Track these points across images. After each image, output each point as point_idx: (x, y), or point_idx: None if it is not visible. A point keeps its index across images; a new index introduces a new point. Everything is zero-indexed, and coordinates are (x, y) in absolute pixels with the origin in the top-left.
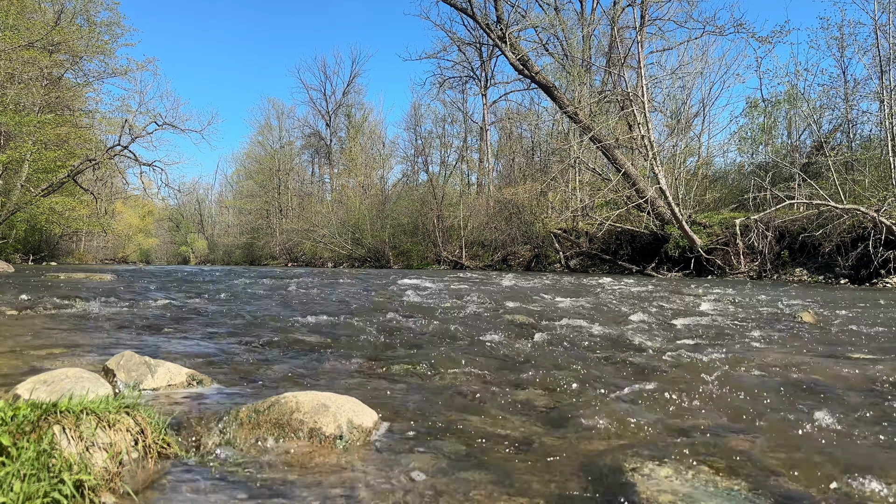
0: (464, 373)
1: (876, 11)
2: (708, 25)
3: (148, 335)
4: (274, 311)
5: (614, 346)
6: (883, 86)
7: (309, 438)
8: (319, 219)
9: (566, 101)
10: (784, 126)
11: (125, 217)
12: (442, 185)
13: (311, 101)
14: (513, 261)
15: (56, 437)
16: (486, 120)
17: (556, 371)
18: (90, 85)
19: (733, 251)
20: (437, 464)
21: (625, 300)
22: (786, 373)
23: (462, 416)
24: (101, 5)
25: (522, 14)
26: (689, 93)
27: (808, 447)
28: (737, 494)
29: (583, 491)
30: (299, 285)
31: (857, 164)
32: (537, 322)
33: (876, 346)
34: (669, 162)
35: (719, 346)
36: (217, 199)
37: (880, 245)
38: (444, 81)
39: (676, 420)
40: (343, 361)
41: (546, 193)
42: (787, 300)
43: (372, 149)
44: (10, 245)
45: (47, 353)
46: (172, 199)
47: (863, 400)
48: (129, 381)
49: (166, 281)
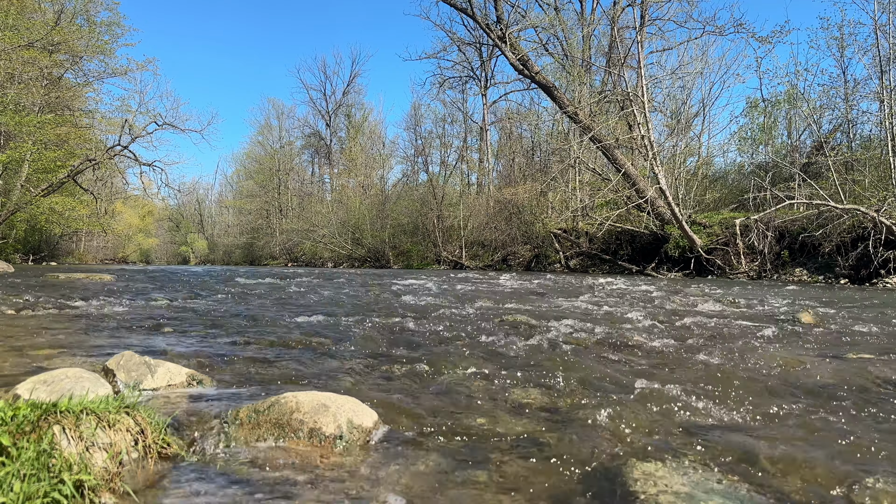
0: (464, 373)
1: (876, 11)
2: (708, 25)
3: (148, 335)
4: (274, 311)
5: (614, 347)
6: (883, 86)
7: (309, 438)
8: (319, 219)
9: (566, 101)
10: (784, 126)
11: (125, 217)
12: (442, 185)
13: (311, 101)
14: (513, 261)
15: (56, 437)
16: (486, 120)
17: (555, 371)
18: (90, 85)
19: (733, 251)
20: (438, 464)
21: (625, 300)
22: (785, 373)
23: (462, 416)
24: (101, 5)
25: (522, 14)
26: (689, 93)
27: (808, 447)
28: (737, 494)
29: (583, 491)
30: (299, 285)
31: (857, 164)
32: (537, 322)
33: (875, 346)
34: (669, 162)
35: (719, 346)
36: (217, 199)
37: (880, 245)
38: (444, 81)
39: (676, 420)
40: (343, 361)
41: (546, 193)
42: (787, 300)
43: (372, 149)
44: (10, 245)
45: (47, 353)
46: (172, 199)
47: (863, 400)
48: (129, 381)
49: (166, 281)
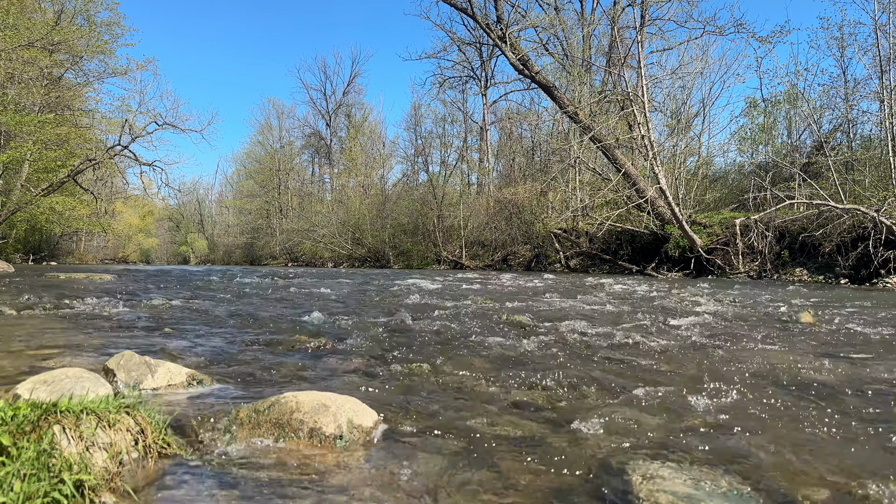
0: (464, 373)
1: (876, 11)
2: (708, 25)
3: (148, 335)
4: (274, 311)
5: (614, 347)
6: (883, 86)
7: (309, 438)
8: (319, 219)
9: (566, 100)
10: (784, 126)
11: (125, 217)
12: (442, 185)
13: (312, 101)
14: (513, 261)
15: (56, 436)
16: (486, 120)
17: (556, 371)
18: (90, 85)
19: (733, 251)
20: (437, 464)
21: (625, 300)
22: (785, 373)
23: (462, 416)
24: (101, 5)
25: (522, 14)
26: (689, 93)
27: (807, 447)
28: (737, 494)
29: (583, 491)
30: (299, 285)
31: (858, 164)
32: (537, 322)
33: (875, 347)
34: (669, 162)
35: (719, 346)
36: (217, 198)
37: (880, 245)
38: (444, 81)
39: (676, 420)
40: (343, 361)
41: (546, 193)
42: (787, 300)
43: (372, 149)
44: (11, 245)
45: (47, 353)
46: (172, 199)
47: (862, 400)
48: (129, 380)
49: (166, 281)
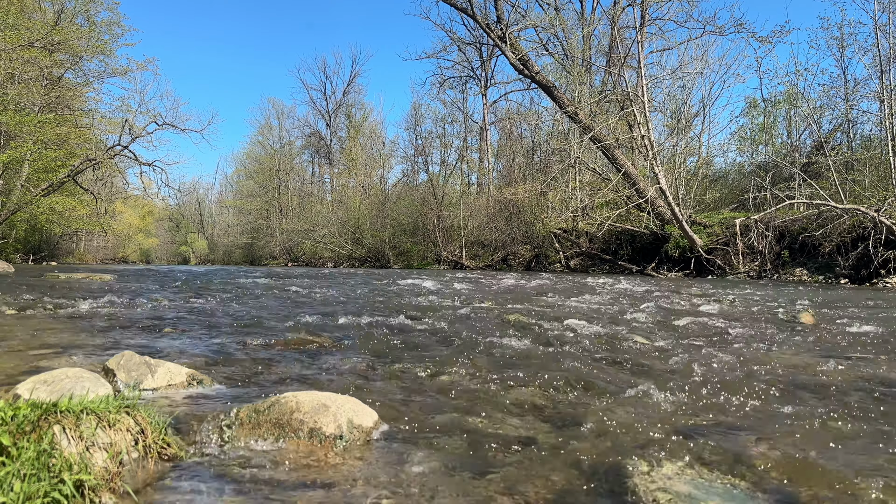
0: (464, 373)
1: (876, 11)
2: (708, 25)
3: (148, 335)
4: (274, 311)
5: (614, 347)
6: (883, 86)
7: (309, 438)
8: (319, 219)
9: (566, 100)
10: (784, 126)
11: (125, 217)
12: (442, 185)
13: (312, 101)
14: (513, 261)
15: (56, 436)
16: (486, 120)
17: (555, 371)
18: (90, 85)
19: (733, 251)
20: (437, 464)
21: (625, 300)
22: (785, 373)
23: (462, 416)
24: (101, 5)
25: (522, 14)
26: (689, 93)
27: (807, 447)
28: (737, 494)
29: (583, 490)
30: (299, 285)
31: (857, 164)
32: (537, 322)
33: (875, 347)
34: (669, 162)
35: (719, 346)
36: (217, 199)
37: (880, 245)
38: (444, 81)
39: (676, 420)
40: (343, 361)
41: (546, 193)
42: (787, 300)
43: (372, 149)
44: (11, 245)
45: (47, 353)
46: (172, 199)
47: (862, 400)
48: (129, 381)
49: (166, 281)
